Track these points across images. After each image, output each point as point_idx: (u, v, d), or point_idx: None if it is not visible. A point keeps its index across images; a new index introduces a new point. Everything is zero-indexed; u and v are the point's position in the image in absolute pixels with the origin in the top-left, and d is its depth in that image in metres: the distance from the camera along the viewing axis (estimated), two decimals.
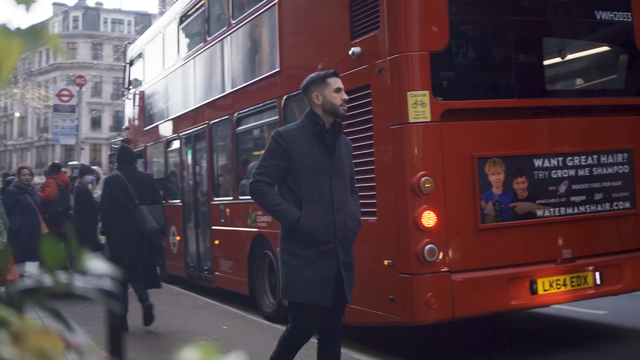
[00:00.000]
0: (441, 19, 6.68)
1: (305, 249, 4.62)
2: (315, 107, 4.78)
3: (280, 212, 4.65)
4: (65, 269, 1.06)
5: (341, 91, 4.80)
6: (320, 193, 4.65)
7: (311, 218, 4.59)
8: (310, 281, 4.61)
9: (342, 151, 4.80)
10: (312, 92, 4.81)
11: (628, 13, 7.52)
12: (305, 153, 4.65)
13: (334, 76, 4.85)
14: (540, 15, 7.34)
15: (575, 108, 7.42)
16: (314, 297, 4.63)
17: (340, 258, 4.66)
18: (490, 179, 6.76)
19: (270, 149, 4.72)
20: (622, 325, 8.60)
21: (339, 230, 4.66)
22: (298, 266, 4.63)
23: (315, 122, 4.71)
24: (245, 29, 10.10)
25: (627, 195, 7.44)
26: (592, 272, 7.14)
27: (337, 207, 4.67)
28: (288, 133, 4.73)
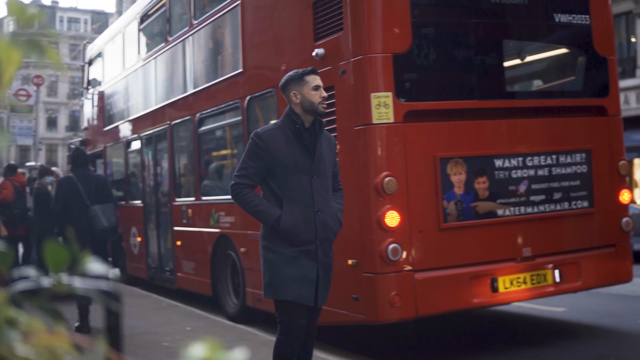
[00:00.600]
0: (404, 21, 6.76)
1: (287, 247, 4.59)
2: (294, 105, 4.72)
3: (260, 212, 4.60)
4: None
5: (320, 89, 4.74)
6: (301, 193, 4.61)
7: (292, 218, 4.56)
8: (292, 279, 4.58)
9: (324, 149, 4.74)
10: (290, 90, 4.75)
11: (586, 16, 7.67)
12: (284, 153, 4.61)
13: (312, 74, 4.78)
14: (500, 17, 7.46)
15: (535, 109, 7.56)
16: (296, 295, 4.59)
17: (319, 259, 4.64)
18: (452, 179, 6.86)
19: (249, 150, 4.68)
20: (581, 322, 8.78)
21: (320, 230, 4.62)
22: (280, 263, 4.60)
23: (294, 121, 4.66)
24: (207, 29, 10.09)
25: (586, 194, 7.59)
26: (552, 270, 7.29)
27: (318, 207, 4.63)
28: (266, 133, 4.67)
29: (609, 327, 8.43)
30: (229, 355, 0.92)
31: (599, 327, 8.45)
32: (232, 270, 9.58)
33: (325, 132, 4.84)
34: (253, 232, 8.74)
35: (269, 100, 8.57)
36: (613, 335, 7.99)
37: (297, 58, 7.75)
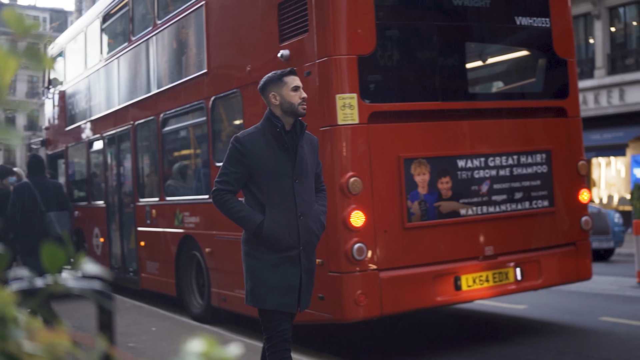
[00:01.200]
0: (368, 23, 6.85)
1: (269, 253, 4.51)
2: (274, 107, 4.60)
3: (242, 218, 4.51)
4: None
5: (299, 89, 4.61)
6: (283, 198, 4.53)
7: (274, 223, 4.48)
8: (275, 286, 4.49)
9: (306, 152, 4.64)
10: (269, 92, 4.62)
11: (546, 19, 7.83)
12: (265, 157, 4.51)
13: (290, 74, 4.65)
14: (463, 20, 7.58)
15: (496, 110, 7.69)
16: (279, 303, 4.50)
17: (302, 264, 4.56)
18: (416, 179, 6.96)
19: (230, 155, 4.57)
20: (542, 319, 8.95)
21: (302, 235, 4.54)
22: (263, 270, 4.51)
23: (274, 124, 4.54)
24: (171, 29, 10.08)
25: (546, 194, 7.75)
26: (513, 268, 7.43)
27: (301, 212, 4.55)
28: (246, 138, 4.56)
29: (569, 323, 8.61)
30: (225, 351, 0.97)
31: (559, 323, 8.62)
32: (196, 270, 9.59)
33: (307, 133, 4.73)
34: (218, 232, 8.78)
35: (234, 100, 8.60)
36: (573, 331, 8.16)
37: (262, 59, 7.80)
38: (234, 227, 8.48)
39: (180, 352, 0.96)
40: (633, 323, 8.46)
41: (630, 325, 8.38)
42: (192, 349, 0.96)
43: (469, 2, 7.44)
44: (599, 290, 11.14)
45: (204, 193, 9.29)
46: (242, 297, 8.35)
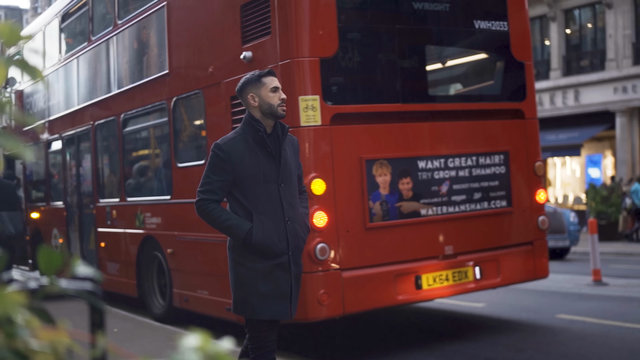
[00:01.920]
0: (331, 26, 6.93)
1: (259, 261, 4.40)
2: (253, 109, 4.49)
3: (230, 227, 4.37)
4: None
5: (278, 90, 4.51)
6: (270, 203, 4.42)
7: (263, 230, 4.37)
8: (267, 296, 4.38)
9: (288, 154, 4.55)
10: (247, 93, 4.50)
11: (504, 22, 7.98)
12: (248, 163, 4.41)
13: (269, 75, 4.55)
14: (423, 23, 7.70)
15: (456, 112, 7.83)
16: (273, 313, 4.41)
17: (292, 269, 4.47)
18: (377, 180, 7.06)
19: (212, 163, 4.44)
20: (500, 316, 9.12)
21: (291, 240, 4.45)
22: (253, 280, 4.40)
23: (256, 128, 4.43)
24: (132, 29, 10.06)
25: (504, 194, 7.90)
26: (472, 267, 7.57)
27: (288, 216, 4.45)
28: (228, 144, 4.43)
29: (527, 321, 8.79)
30: (219, 345, 1.04)
31: (517, 321, 8.79)
32: (158, 271, 9.59)
33: (288, 135, 4.63)
34: (180, 233, 8.80)
35: (196, 101, 8.62)
36: (530, 328, 8.33)
37: (224, 60, 7.84)
38: (196, 228, 8.54)
39: (177, 348, 1.03)
40: (589, 320, 8.66)
41: (586, 322, 8.58)
42: (189, 344, 1.02)
43: (429, 6, 7.56)
44: (555, 288, 11.37)
45: (165, 194, 9.30)
46: (204, 297, 8.43)
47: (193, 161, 8.67)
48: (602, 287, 11.62)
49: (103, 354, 1.05)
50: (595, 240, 12.18)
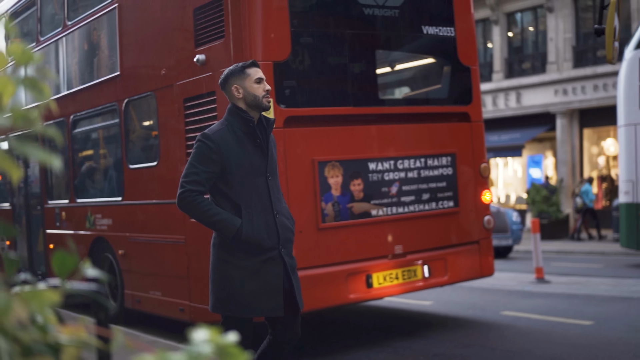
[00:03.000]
0: (284, 30, 7.06)
1: (247, 258, 4.27)
2: (237, 101, 4.39)
3: (219, 222, 4.22)
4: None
5: (263, 82, 4.42)
6: (259, 196, 4.32)
7: (252, 225, 4.25)
8: (257, 293, 4.25)
9: (273, 149, 4.49)
10: (231, 85, 4.40)
11: (451, 28, 8.21)
12: (237, 155, 4.29)
13: (253, 66, 4.45)
14: (373, 29, 7.88)
15: (405, 115, 8.04)
16: (265, 309, 4.28)
17: (286, 262, 4.36)
18: (329, 181, 7.22)
19: (200, 153, 4.30)
20: (447, 313, 9.37)
21: (281, 233, 4.34)
22: (241, 278, 4.26)
23: (246, 119, 4.34)
24: (82, 30, 10.04)
25: (451, 195, 8.14)
26: (421, 266, 7.78)
27: (276, 209, 4.36)
28: (217, 134, 4.30)
29: (473, 318, 9.05)
30: (226, 338, 1.17)
31: (463, 318, 9.05)
32: (108, 272, 9.60)
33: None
34: (132, 234, 8.83)
35: (148, 103, 8.67)
36: (477, 325, 8.59)
37: (177, 63, 7.91)
38: (148, 229, 8.60)
39: (190, 341, 1.15)
40: (533, 317, 8.95)
41: (530, 318, 8.87)
42: (199, 337, 1.15)
43: (379, 11, 7.74)
44: (499, 286, 11.68)
45: (116, 195, 9.32)
46: (157, 298, 8.49)
47: (144, 163, 8.72)
48: (544, 284, 11.97)
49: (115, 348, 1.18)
50: (537, 239, 12.53)
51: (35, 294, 1.12)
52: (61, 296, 1.28)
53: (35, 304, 1.10)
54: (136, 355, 1.19)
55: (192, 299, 7.74)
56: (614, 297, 10.35)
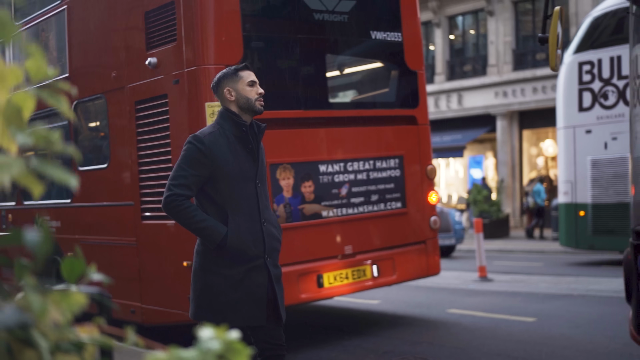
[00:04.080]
0: (235, 35, 7.16)
1: (231, 267, 4.16)
2: (229, 104, 4.28)
3: (205, 229, 4.09)
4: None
5: (256, 85, 4.32)
6: (247, 203, 4.21)
7: (238, 233, 4.14)
8: (240, 302, 4.15)
9: (263, 155, 4.40)
10: (223, 87, 4.30)
11: (399, 34, 8.41)
12: (228, 159, 4.16)
13: (245, 69, 4.36)
14: (323, 34, 8.02)
15: (354, 118, 8.20)
16: (247, 318, 4.17)
17: (271, 272, 4.24)
18: (281, 183, 7.35)
19: (189, 156, 4.15)
20: (395, 312, 9.57)
21: (267, 242, 4.24)
22: (224, 287, 4.15)
23: (238, 123, 4.22)
24: (29, 32, 9.97)
25: (399, 196, 8.33)
26: (370, 265, 7.96)
27: (264, 217, 4.25)
28: (208, 137, 4.17)
29: (420, 316, 9.27)
30: (230, 335, 1.29)
31: (411, 316, 9.26)
32: (57, 274, 9.56)
33: None
34: (81, 236, 8.82)
35: (98, 105, 8.67)
36: (424, 323, 8.81)
37: (128, 65, 7.93)
38: (98, 231, 8.60)
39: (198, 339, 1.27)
40: (478, 314, 9.22)
41: (475, 316, 9.13)
42: (205, 335, 1.27)
43: (329, 17, 7.89)
44: (444, 285, 11.95)
45: (65, 197, 9.29)
46: None
47: (94, 165, 8.72)
48: (488, 282, 12.28)
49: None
50: (480, 238, 12.85)
51: (64, 296, 1.22)
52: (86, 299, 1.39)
53: (65, 306, 1.20)
54: (149, 353, 1.30)
55: (144, 300, 7.79)
56: (555, 295, 10.70)
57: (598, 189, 13.92)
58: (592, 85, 13.83)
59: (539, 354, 7.01)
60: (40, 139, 1.28)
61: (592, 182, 13.99)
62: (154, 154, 7.50)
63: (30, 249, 1.16)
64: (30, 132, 1.30)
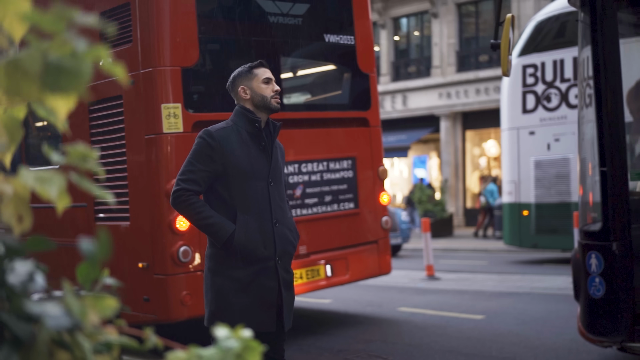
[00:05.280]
0: (192, 37, 7.19)
1: (240, 268, 4.01)
2: (245, 102, 4.22)
3: (211, 226, 3.96)
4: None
5: (271, 82, 4.26)
6: (257, 202, 4.06)
7: (247, 232, 3.98)
8: (249, 306, 4.01)
9: (278, 155, 4.26)
10: (238, 86, 4.27)
11: (351, 37, 8.53)
12: (239, 156, 4.04)
13: (261, 66, 4.31)
14: (277, 36, 8.10)
15: (308, 120, 8.30)
16: (255, 324, 3.93)
17: (281, 276, 4.09)
18: None
19: (199, 151, 4.05)
20: (347, 311, 9.71)
21: (279, 244, 4.07)
22: (233, 291, 4.01)
23: (252, 120, 4.12)
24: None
25: (352, 196, 8.46)
26: (324, 265, 8.07)
27: (276, 218, 4.09)
28: (219, 133, 4.06)
29: (372, 314, 9.42)
30: (245, 333, 1.38)
31: (362, 315, 9.40)
32: None
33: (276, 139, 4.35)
34: None
35: None
36: (376, 321, 8.96)
37: None
38: (51, 232, 8.52)
39: (216, 339, 1.35)
40: (428, 312, 9.41)
41: (425, 314, 9.31)
42: (222, 334, 1.35)
43: (283, 19, 7.98)
44: (393, 284, 12.13)
45: None
46: None
47: (46, 165, 8.65)
48: (435, 281, 12.51)
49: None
50: (428, 237, 13.06)
51: (97, 300, 1.29)
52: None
53: (99, 309, 1.27)
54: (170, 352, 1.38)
55: None
56: (502, 293, 10.96)
57: (541, 189, 14.28)
58: (535, 87, 14.17)
59: (489, 350, 7.21)
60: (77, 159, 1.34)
61: (535, 182, 14.35)
62: (108, 155, 7.48)
63: (87, 258, 1.23)
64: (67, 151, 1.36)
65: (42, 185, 1.27)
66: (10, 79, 1.14)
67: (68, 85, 1.13)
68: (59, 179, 1.25)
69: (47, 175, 1.24)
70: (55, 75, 1.12)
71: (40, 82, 1.13)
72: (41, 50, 1.12)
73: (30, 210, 1.34)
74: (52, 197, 1.21)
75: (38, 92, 1.14)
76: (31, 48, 1.14)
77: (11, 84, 1.14)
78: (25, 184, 1.30)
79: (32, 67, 1.12)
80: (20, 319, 1.22)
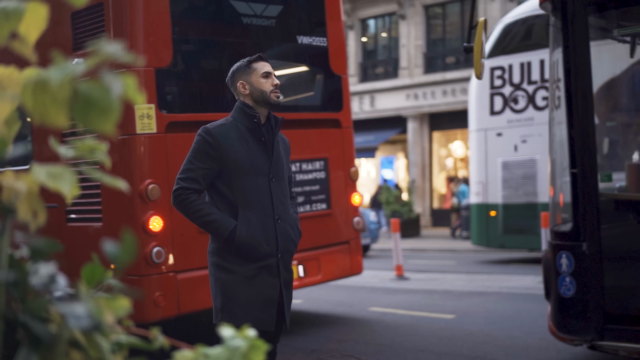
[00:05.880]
0: (165, 37, 7.19)
1: (243, 264, 3.98)
2: (245, 97, 4.16)
3: (212, 223, 3.92)
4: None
5: (271, 76, 4.18)
6: (259, 198, 4.02)
7: (248, 228, 3.95)
8: (251, 301, 3.97)
9: (281, 150, 4.19)
10: (237, 81, 4.20)
11: (324, 39, 8.59)
12: (239, 152, 4.01)
13: (260, 60, 4.24)
14: (251, 37, 8.12)
15: None
16: (256, 321, 3.90)
17: (281, 274, 4.06)
18: None
19: (198, 148, 4.03)
20: (319, 311, 9.75)
21: (281, 241, 4.04)
22: (236, 284, 3.97)
23: (251, 115, 4.06)
24: None
25: (324, 197, 8.51)
26: (296, 266, 8.10)
27: (278, 214, 4.05)
28: (218, 129, 4.04)
29: (344, 314, 9.48)
30: (250, 332, 1.41)
31: (334, 315, 9.46)
32: None
33: (280, 134, 4.30)
34: None
35: (22, 107, 8.53)
36: (348, 321, 9.02)
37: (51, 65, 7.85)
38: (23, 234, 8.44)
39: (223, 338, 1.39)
40: (398, 312, 9.49)
41: (396, 314, 9.39)
42: (227, 334, 1.39)
43: (257, 21, 8.00)
44: (363, 284, 12.20)
45: None
46: None
47: (16, 166, 8.58)
48: (404, 281, 12.60)
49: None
50: (397, 238, 13.15)
51: (111, 301, 1.32)
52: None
53: (113, 310, 1.30)
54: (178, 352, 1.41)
55: None
56: (471, 292, 11.08)
57: (508, 189, 14.45)
58: (503, 89, 14.34)
59: (460, 349, 7.30)
60: (86, 152, 1.37)
61: (502, 183, 14.51)
62: (80, 156, 7.45)
63: (112, 261, 1.26)
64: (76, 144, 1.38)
65: (55, 181, 1.29)
66: (36, 100, 1.15)
67: (98, 122, 1.13)
68: (71, 175, 1.27)
69: (59, 171, 1.26)
70: (84, 108, 1.10)
71: (69, 111, 1.12)
72: (70, 75, 1.13)
73: (44, 205, 1.37)
74: (65, 193, 1.24)
75: (65, 121, 1.15)
76: (59, 69, 1.16)
77: (37, 105, 1.15)
78: (37, 180, 1.32)
79: (60, 93, 1.12)
80: (35, 319, 1.24)
